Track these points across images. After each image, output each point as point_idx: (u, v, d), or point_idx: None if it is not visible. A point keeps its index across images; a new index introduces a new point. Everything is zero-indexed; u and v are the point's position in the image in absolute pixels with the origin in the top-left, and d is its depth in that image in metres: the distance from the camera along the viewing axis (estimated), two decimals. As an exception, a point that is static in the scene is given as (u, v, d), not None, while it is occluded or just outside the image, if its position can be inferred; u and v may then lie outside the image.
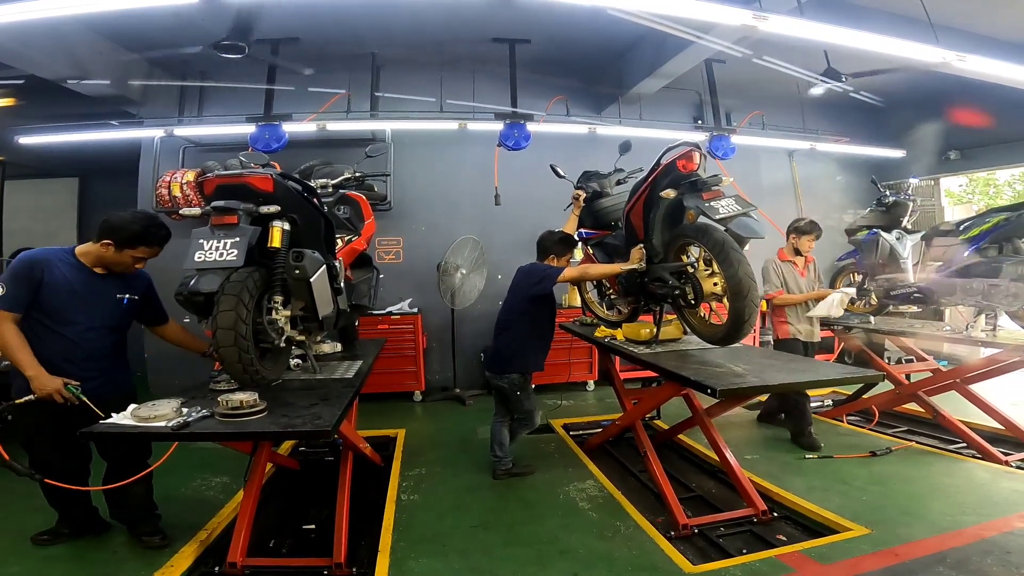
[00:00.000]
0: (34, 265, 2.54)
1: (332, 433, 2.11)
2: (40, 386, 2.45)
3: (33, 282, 2.51)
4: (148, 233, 2.62)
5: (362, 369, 3.08)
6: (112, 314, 2.72)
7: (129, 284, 2.78)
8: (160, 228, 2.68)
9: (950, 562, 2.49)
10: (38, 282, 2.52)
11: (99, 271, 2.67)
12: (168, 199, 5.36)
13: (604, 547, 2.80)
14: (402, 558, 2.71)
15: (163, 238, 2.69)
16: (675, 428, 4.09)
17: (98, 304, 2.66)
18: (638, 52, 5.79)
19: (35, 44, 4.38)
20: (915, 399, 4.46)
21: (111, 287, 2.71)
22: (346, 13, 4.61)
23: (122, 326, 2.83)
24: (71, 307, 2.58)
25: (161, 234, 2.68)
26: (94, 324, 2.65)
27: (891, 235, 4.53)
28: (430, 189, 6.38)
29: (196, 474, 3.77)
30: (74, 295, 2.59)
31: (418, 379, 6.00)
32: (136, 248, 2.62)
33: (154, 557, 2.70)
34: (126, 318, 2.82)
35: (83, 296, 2.61)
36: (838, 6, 4.45)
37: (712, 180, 2.88)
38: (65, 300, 2.57)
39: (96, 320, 2.65)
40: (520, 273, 3.72)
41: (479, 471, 3.84)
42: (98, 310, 2.66)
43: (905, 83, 5.99)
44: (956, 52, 3.74)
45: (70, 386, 2.49)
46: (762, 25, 3.31)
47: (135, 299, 2.80)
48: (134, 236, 2.60)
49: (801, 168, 7.54)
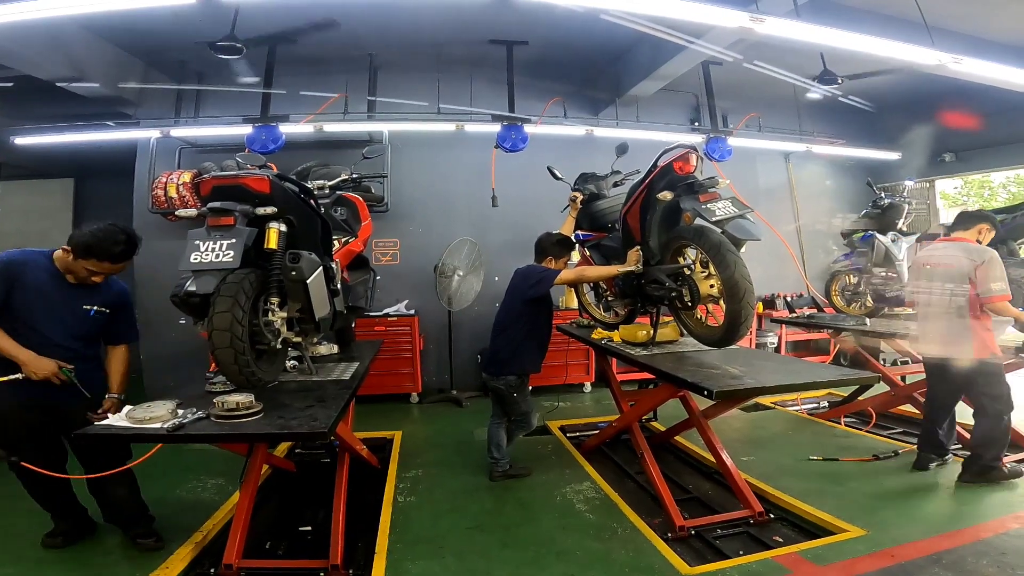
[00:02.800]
0: (10, 266, 2.53)
1: (328, 435, 2.10)
2: (35, 369, 2.47)
3: (7, 282, 2.50)
4: (100, 247, 2.51)
5: (359, 371, 3.07)
6: (78, 324, 2.65)
7: (99, 296, 2.70)
8: (115, 245, 2.54)
9: (945, 563, 2.50)
10: (11, 283, 2.50)
11: (70, 279, 2.62)
12: (164, 200, 5.34)
13: (601, 549, 2.80)
14: (398, 560, 2.71)
15: (116, 256, 2.56)
16: (672, 430, 4.09)
17: (64, 311, 2.61)
18: (635, 54, 5.80)
19: (31, 44, 4.36)
20: (910, 401, 4.48)
21: (79, 297, 2.65)
22: (343, 14, 4.60)
23: (89, 336, 2.73)
24: (37, 311, 2.55)
25: (114, 251, 2.54)
26: (58, 330, 2.59)
27: (886, 237, 4.55)
28: (427, 191, 6.38)
29: (191, 476, 3.75)
30: (42, 299, 2.56)
31: (415, 381, 5.99)
32: (88, 260, 2.53)
33: (149, 559, 2.69)
34: (93, 328, 2.73)
35: (51, 301, 2.57)
36: (833, 8, 4.47)
37: (709, 182, 2.89)
38: (32, 303, 2.54)
39: (59, 327, 2.59)
40: (517, 275, 3.72)
41: (476, 473, 3.84)
42: (64, 317, 2.61)
43: (900, 85, 6.02)
44: (952, 54, 3.75)
45: (64, 368, 2.53)
46: (759, 27, 3.32)
47: (104, 311, 2.72)
48: (85, 247, 2.51)
49: (797, 170, 7.57)
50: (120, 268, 2.64)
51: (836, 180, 7.71)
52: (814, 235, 7.55)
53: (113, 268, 2.61)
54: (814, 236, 7.55)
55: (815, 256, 7.48)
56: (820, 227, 7.54)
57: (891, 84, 5.86)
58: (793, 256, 6.72)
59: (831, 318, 5.02)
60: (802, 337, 7.17)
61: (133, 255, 2.65)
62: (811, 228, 7.55)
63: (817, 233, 7.55)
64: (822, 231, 7.53)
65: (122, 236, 2.57)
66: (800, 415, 5.21)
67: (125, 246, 2.57)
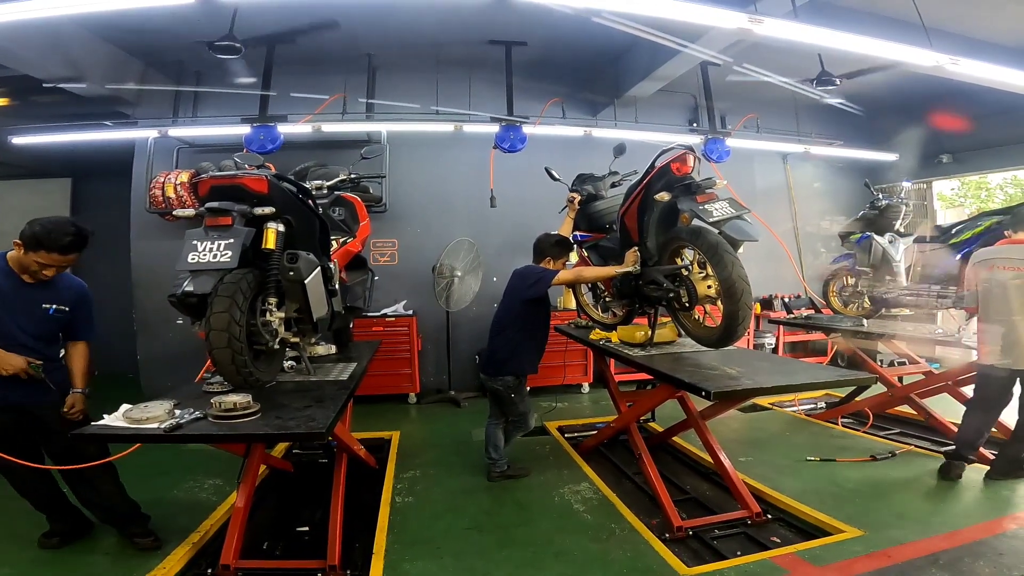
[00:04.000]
0: None
1: (326, 435, 2.10)
2: (6, 365, 2.50)
3: None
4: (49, 239, 2.48)
5: (356, 371, 3.07)
6: (38, 324, 2.64)
7: (58, 294, 2.68)
8: (64, 236, 2.51)
9: (942, 564, 2.51)
10: None
11: (27, 279, 2.60)
12: (162, 200, 5.33)
13: (599, 549, 2.81)
14: (396, 560, 2.71)
15: (65, 247, 2.52)
16: (670, 430, 4.09)
17: (22, 312, 2.59)
18: (634, 55, 5.81)
19: (29, 44, 4.35)
20: (907, 401, 4.49)
21: (38, 295, 2.63)
22: (342, 14, 4.60)
23: (51, 335, 2.73)
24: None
25: (63, 243, 2.51)
26: (18, 331, 2.58)
27: (884, 238, 4.55)
28: (426, 191, 6.37)
29: (189, 476, 3.75)
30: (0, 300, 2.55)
31: (413, 381, 5.99)
32: (38, 252, 2.50)
33: (146, 559, 2.69)
34: (54, 327, 2.73)
35: (9, 302, 2.56)
36: (830, 9, 4.48)
37: (706, 183, 2.89)
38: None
39: (20, 327, 2.58)
40: (515, 276, 3.72)
41: (474, 473, 3.84)
42: (23, 318, 2.59)
43: (898, 87, 6.04)
44: (949, 55, 3.76)
45: (33, 364, 2.56)
46: (758, 28, 3.32)
47: (64, 310, 2.70)
48: (35, 240, 2.48)
49: (795, 171, 7.58)
50: (70, 261, 2.59)
51: (833, 181, 7.72)
52: (811, 236, 7.57)
53: (62, 260, 2.56)
54: (811, 237, 7.57)
55: (812, 257, 7.49)
56: (817, 228, 7.56)
57: (888, 85, 5.87)
58: (790, 257, 6.73)
59: (828, 319, 5.02)
60: (799, 338, 7.18)
61: (83, 248, 2.61)
62: (808, 229, 7.56)
63: (814, 234, 7.56)
64: (819, 232, 7.55)
65: (71, 228, 2.55)
66: (797, 416, 5.22)
67: (74, 237, 2.54)
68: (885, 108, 6.96)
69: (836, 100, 5.61)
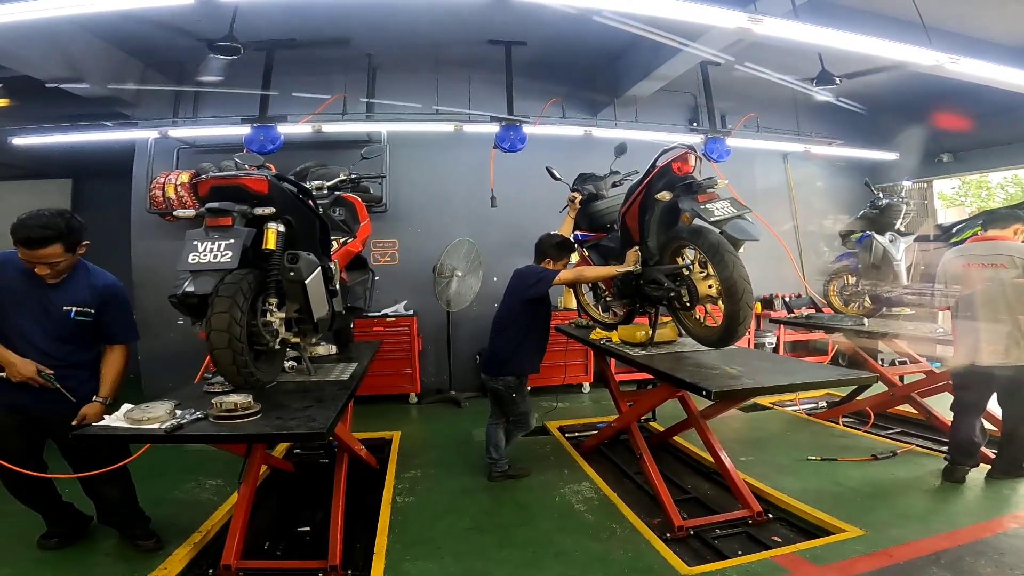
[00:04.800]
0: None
1: (327, 435, 2.10)
2: (15, 372, 2.44)
3: None
4: (14, 233, 2.34)
5: (357, 371, 3.07)
6: (57, 326, 2.53)
7: (79, 295, 2.57)
8: (22, 229, 2.33)
9: (944, 563, 2.50)
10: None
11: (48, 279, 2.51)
12: (162, 200, 5.33)
13: (599, 549, 2.80)
14: (397, 560, 2.71)
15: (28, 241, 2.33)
16: (670, 430, 4.10)
17: (39, 313, 2.51)
18: (634, 55, 5.80)
19: (29, 44, 4.35)
20: (909, 401, 4.48)
21: (56, 297, 2.53)
22: (342, 14, 4.60)
23: (74, 339, 2.59)
24: (14, 313, 2.49)
25: (19, 236, 2.33)
26: (36, 333, 2.50)
27: (884, 237, 4.55)
28: (426, 191, 6.37)
29: (190, 476, 3.75)
30: (15, 300, 2.49)
31: (413, 381, 5.99)
32: (16, 247, 2.38)
33: (147, 559, 2.69)
34: (77, 332, 2.59)
35: (25, 302, 2.50)
36: (830, 8, 4.47)
37: (707, 182, 2.89)
38: (7, 306, 2.49)
39: (37, 329, 2.51)
40: (516, 275, 3.72)
41: (474, 473, 3.84)
42: (40, 319, 2.51)
43: (898, 86, 6.03)
44: (949, 55, 3.76)
45: (44, 372, 2.49)
46: (758, 28, 3.32)
47: (87, 311, 2.58)
48: (11, 233, 2.34)
49: (795, 170, 7.58)
50: (45, 256, 2.38)
51: (834, 180, 7.72)
52: (812, 235, 7.56)
53: (33, 255, 2.37)
54: (812, 236, 7.56)
55: (813, 256, 7.49)
56: (818, 227, 7.55)
57: (889, 85, 5.87)
58: (791, 256, 6.73)
59: (829, 318, 5.02)
60: (800, 337, 7.18)
61: (55, 243, 2.37)
62: (809, 228, 7.56)
63: (815, 233, 7.56)
64: (820, 231, 7.54)
65: (41, 220, 2.34)
66: (798, 415, 5.22)
67: (38, 230, 2.32)
68: (885, 107, 6.95)
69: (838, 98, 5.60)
